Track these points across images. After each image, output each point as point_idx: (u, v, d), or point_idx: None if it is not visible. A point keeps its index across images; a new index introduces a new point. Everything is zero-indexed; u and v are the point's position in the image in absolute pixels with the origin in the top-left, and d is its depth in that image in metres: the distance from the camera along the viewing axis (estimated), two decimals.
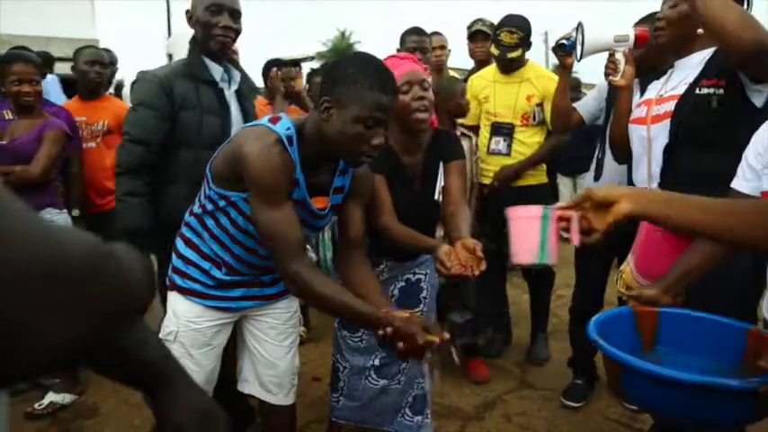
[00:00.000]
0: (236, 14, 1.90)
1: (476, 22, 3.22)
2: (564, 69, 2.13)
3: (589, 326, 1.13)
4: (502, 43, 2.70)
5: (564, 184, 5.41)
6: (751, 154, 1.25)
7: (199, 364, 1.55)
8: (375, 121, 1.29)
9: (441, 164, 1.83)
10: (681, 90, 1.71)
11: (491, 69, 2.89)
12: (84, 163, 2.84)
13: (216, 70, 1.93)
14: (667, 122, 1.70)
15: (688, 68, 1.73)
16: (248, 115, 2.05)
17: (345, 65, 1.32)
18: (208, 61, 1.91)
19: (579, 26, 1.98)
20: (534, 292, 2.97)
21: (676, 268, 1.31)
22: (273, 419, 1.73)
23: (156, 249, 1.80)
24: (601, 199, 0.98)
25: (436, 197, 1.83)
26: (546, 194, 2.94)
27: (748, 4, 1.73)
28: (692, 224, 0.94)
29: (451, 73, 3.39)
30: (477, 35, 3.16)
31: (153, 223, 1.85)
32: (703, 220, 0.93)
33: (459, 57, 3.76)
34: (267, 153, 1.28)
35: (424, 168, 1.83)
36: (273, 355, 1.67)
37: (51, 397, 2.47)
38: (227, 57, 2.01)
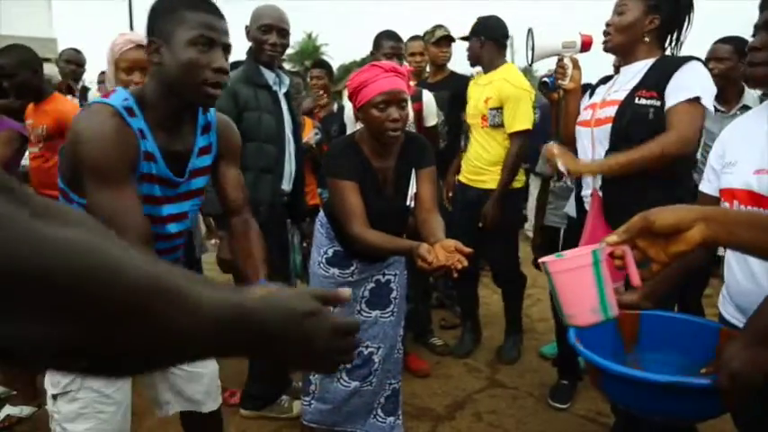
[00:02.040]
0: (283, 32, 2.23)
1: (438, 27, 3.25)
2: (554, 103, 2.17)
3: (569, 330, 1.14)
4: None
5: (535, 185, 5.48)
6: (712, 157, 1.32)
7: (117, 403, 1.35)
8: (207, 41, 1.18)
9: (413, 170, 1.82)
10: (621, 95, 1.78)
11: (482, 74, 2.97)
12: (31, 168, 2.70)
13: (269, 76, 2.24)
14: (608, 127, 1.78)
15: (631, 74, 1.81)
16: (294, 114, 2.38)
17: (156, 1, 1.23)
18: (262, 68, 2.22)
19: (529, 32, 2.04)
20: (506, 295, 3.00)
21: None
22: (203, 427, 1.60)
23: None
24: (669, 228, 0.80)
25: (408, 203, 1.82)
26: (522, 197, 3.00)
27: (677, 43, 1.83)
28: None
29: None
30: (443, 40, 3.20)
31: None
32: None
33: None
34: (100, 128, 1.13)
35: (395, 174, 1.82)
36: (194, 365, 1.50)
37: (8, 410, 2.37)
38: (276, 65, 2.33)
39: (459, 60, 3.29)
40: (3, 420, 2.33)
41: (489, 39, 2.79)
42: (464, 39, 3.00)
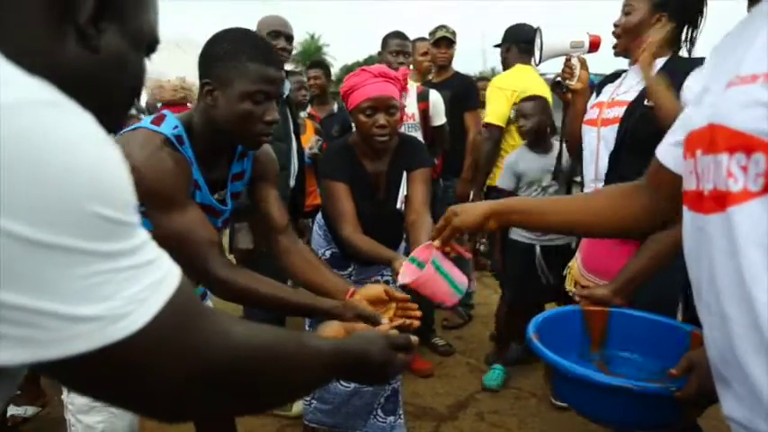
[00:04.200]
0: (289, 39, 2.48)
1: (439, 28, 3.26)
2: (566, 104, 2.16)
3: (529, 324, 1.12)
4: None
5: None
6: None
7: None
8: (264, 96, 1.19)
9: (404, 172, 1.79)
10: (630, 96, 1.77)
11: None
12: None
13: None
14: (615, 128, 1.77)
15: (639, 75, 1.78)
16: (294, 115, 2.55)
17: (219, 41, 1.21)
18: None
19: (537, 31, 2.03)
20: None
21: (626, 270, 1.33)
22: (216, 421, 1.59)
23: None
24: (472, 228, 1.09)
25: (398, 206, 1.80)
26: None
27: (690, 42, 1.81)
28: (548, 226, 1.11)
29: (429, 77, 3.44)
30: (441, 41, 3.22)
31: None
32: (557, 221, 1.06)
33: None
34: (157, 158, 1.15)
35: (388, 178, 1.80)
36: None
37: (12, 410, 2.38)
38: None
39: (462, 62, 3.33)
40: (7, 420, 2.34)
41: (513, 44, 2.98)
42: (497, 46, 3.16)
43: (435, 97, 2.85)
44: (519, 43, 2.94)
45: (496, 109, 2.86)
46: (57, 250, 0.37)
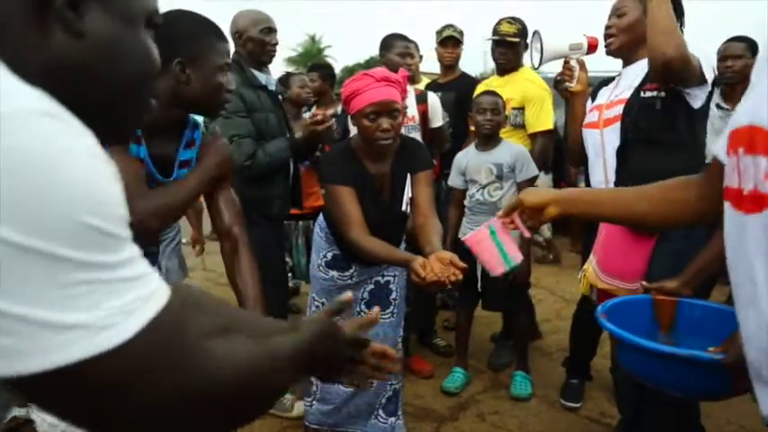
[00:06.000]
0: (276, 32, 2.46)
1: (446, 27, 3.26)
2: (569, 103, 2.16)
3: (598, 308, 1.26)
4: (499, 32, 2.88)
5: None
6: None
7: None
8: (228, 67, 1.32)
9: (408, 174, 1.81)
10: (628, 94, 1.80)
11: (494, 77, 3.02)
12: None
13: (261, 77, 2.38)
14: (617, 125, 1.79)
15: (634, 74, 1.82)
16: (284, 111, 2.56)
17: (180, 21, 1.26)
18: (255, 71, 2.36)
19: (536, 35, 2.02)
20: (509, 322, 2.91)
21: (695, 263, 1.41)
22: None
23: None
24: (531, 206, 1.16)
25: (404, 208, 1.81)
26: None
27: (680, 22, 1.82)
28: (611, 216, 1.14)
29: (423, 78, 3.43)
30: (448, 41, 3.21)
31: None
32: (615, 211, 1.12)
33: (431, 62, 3.78)
34: None
35: (391, 180, 1.81)
36: None
37: (15, 411, 2.39)
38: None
39: (463, 63, 3.32)
40: (9, 421, 2.35)
41: (525, 43, 2.90)
42: (502, 42, 2.91)
43: (433, 99, 2.86)
44: (526, 43, 2.91)
45: (552, 114, 2.79)
46: (46, 257, 0.37)
